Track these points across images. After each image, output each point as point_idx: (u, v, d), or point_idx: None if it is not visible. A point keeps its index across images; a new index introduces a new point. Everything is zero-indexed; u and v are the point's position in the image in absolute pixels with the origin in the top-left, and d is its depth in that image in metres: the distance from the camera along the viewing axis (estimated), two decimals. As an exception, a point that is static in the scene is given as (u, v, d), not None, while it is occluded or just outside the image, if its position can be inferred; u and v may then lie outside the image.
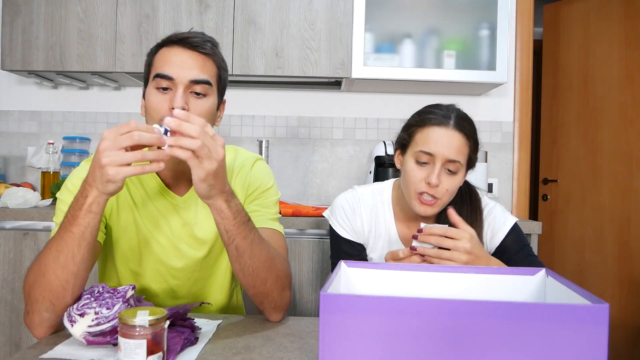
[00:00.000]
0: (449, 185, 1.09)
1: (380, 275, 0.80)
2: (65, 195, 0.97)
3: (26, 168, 2.38)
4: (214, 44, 0.99)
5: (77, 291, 0.84)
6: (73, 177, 1.00)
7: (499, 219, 1.19)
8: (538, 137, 3.15)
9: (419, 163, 1.10)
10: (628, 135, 2.62)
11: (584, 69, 2.81)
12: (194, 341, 0.81)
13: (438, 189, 1.08)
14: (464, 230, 0.99)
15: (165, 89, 0.94)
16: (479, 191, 1.23)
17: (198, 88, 0.94)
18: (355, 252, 1.22)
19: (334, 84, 2.30)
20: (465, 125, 1.10)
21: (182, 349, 0.77)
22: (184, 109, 0.91)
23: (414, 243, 1.00)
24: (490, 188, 2.32)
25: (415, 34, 2.04)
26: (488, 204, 1.22)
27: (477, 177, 1.90)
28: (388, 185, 1.28)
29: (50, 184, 2.11)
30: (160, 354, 0.69)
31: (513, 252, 1.16)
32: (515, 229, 1.18)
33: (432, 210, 1.11)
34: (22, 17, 2.04)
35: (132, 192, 1.04)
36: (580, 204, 2.82)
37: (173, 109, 0.90)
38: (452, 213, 1.03)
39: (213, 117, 1.01)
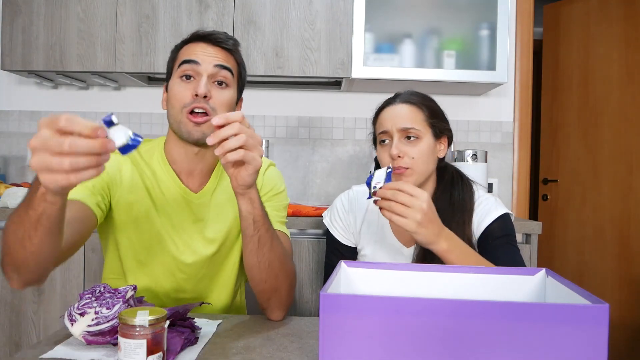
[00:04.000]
0: (414, 153, 1.12)
1: (380, 275, 0.80)
2: None
3: (26, 168, 2.38)
4: (236, 42, 1.04)
5: (44, 267, 0.78)
6: None
7: (491, 207, 1.17)
8: (538, 137, 3.15)
9: (382, 144, 1.16)
10: (628, 135, 2.62)
11: (584, 69, 2.81)
12: (194, 341, 0.81)
13: (404, 159, 1.11)
14: (422, 190, 0.97)
15: (188, 78, 0.98)
16: (474, 184, 1.23)
17: (221, 75, 0.99)
18: (347, 254, 1.25)
19: (334, 84, 2.30)
20: (413, 98, 1.16)
21: (182, 349, 0.77)
22: (206, 96, 0.96)
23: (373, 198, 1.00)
24: (490, 188, 2.32)
25: (415, 34, 2.04)
26: (482, 196, 1.20)
27: (477, 177, 1.89)
28: None
29: (50, 184, 2.11)
30: (160, 354, 0.69)
31: (494, 237, 1.13)
32: (504, 217, 1.16)
33: (406, 180, 1.11)
34: (22, 17, 2.04)
35: (147, 183, 1.04)
36: (580, 204, 2.82)
37: (197, 95, 0.95)
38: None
39: (233, 109, 1.04)
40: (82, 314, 0.79)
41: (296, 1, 2.03)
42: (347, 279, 0.79)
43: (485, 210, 1.16)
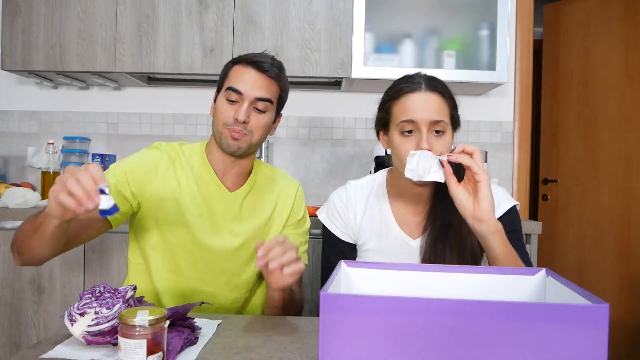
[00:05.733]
0: (442, 147, 1.06)
1: (380, 275, 0.80)
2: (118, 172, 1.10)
3: (26, 168, 2.38)
4: (281, 69, 1.16)
5: (39, 259, 0.99)
6: (132, 162, 1.13)
7: (501, 198, 1.15)
8: (538, 137, 3.15)
9: (404, 134, 1.07)
10: (628, 135, 2.62)
11: (584, 69, 2.81)
12: (194, 341, 0.81)
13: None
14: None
15: (232, 101, 1.10)
16: None
17: (260, 105, 1.10)
18: (346, 252, 1.20)
19: (334, 84, 2.30)
20: (437, 85, 1.10)
21: (182, 349, 0.77)
22: (245, 122, 1.09)
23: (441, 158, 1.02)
24: (490, 188, 2.32)
25: (415, 34, 2.04)
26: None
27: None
28: (383, 171, 1.25)
29: (50, 184, 2.11)
30: (160, 354, 0.69)
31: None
32: (513, 211, 1.15)
33: None
34: (22, 17, 2.04)
35: (180, 177, 1.12)
36: (580, 204, 2.82)
37: (236, 119, 1.08)
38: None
39: (269, 129, 1.17)
40: (82, 314, 0.79)
41: (296, 1, 2.03)
42: (347, 279, 0.79)
43: (496, 201, 1.10)
